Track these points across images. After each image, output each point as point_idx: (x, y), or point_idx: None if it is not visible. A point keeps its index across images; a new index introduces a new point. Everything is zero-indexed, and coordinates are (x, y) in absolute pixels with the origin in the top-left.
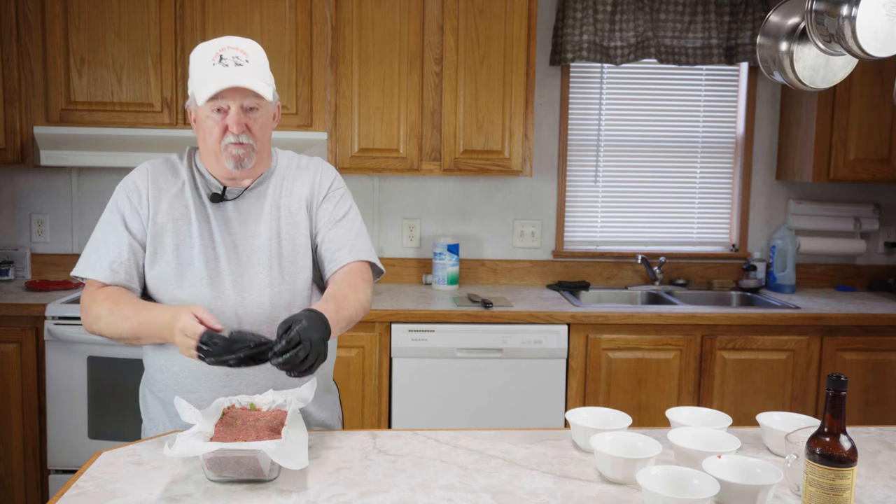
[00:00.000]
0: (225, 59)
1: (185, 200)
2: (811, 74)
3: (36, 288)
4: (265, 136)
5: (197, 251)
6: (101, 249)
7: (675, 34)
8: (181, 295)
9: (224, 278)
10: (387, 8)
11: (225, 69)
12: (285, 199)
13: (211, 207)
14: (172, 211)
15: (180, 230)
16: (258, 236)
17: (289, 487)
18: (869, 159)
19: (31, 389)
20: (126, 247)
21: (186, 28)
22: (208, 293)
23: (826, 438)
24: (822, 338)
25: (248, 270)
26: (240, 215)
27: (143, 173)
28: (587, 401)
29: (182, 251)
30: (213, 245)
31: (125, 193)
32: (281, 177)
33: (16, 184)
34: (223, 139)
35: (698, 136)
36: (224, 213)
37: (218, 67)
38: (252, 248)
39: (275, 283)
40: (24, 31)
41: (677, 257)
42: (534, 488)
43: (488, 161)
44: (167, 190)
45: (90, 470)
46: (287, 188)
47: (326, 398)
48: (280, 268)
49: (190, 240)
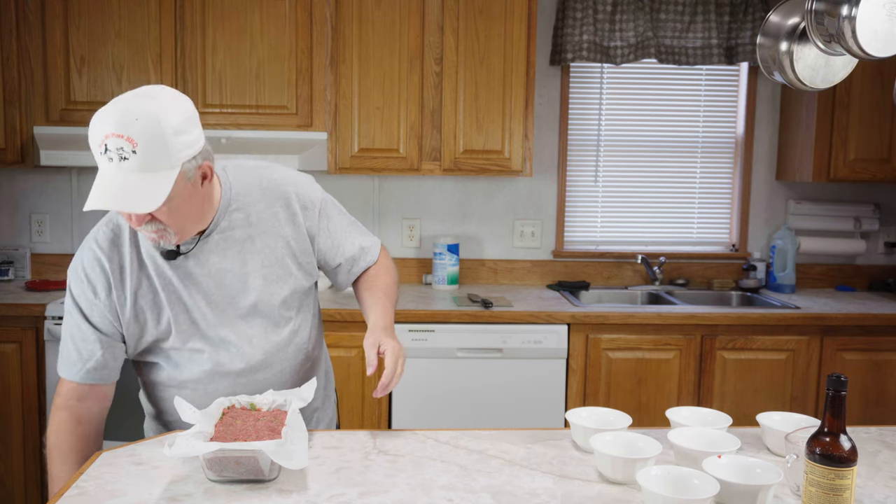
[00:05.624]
0: (109, 151)
1: (146, 269)
2: (811, 74)
3: (36, 288)
4: (182, 213)
5: (171, 321)
6: (72, 351)
7: (675, 34)
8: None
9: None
10: (387, 8)
11: (109, 164)
12: (257, 238)
13: (169, 267)
14: (139, 287)
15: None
16: (229, 286)
17: (289, 487)
18: (869, 159)
19: (31, 389)
20: (96, 344)
21: (186, 28)
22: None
23: (826, 438)
24: (822, 338)
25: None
26: (203, 268)
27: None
28: (587, 401)
29: (161, 322)
30: (184, 308)
31: (78, 288)
32: (240, 210)
33: (16, 184)
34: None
35: (698, 136)
36: (185, 271)
37: (104, 160)
38: (226, 299)
39: (264, 329)
40: (24, 31)
41: (677, 257)
42: (534, 488)
43: (488, 161)
44: (123, 267)
45: (90, 470)
46: (254, 223)
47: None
48: (265, 314)
49: (164, 310)
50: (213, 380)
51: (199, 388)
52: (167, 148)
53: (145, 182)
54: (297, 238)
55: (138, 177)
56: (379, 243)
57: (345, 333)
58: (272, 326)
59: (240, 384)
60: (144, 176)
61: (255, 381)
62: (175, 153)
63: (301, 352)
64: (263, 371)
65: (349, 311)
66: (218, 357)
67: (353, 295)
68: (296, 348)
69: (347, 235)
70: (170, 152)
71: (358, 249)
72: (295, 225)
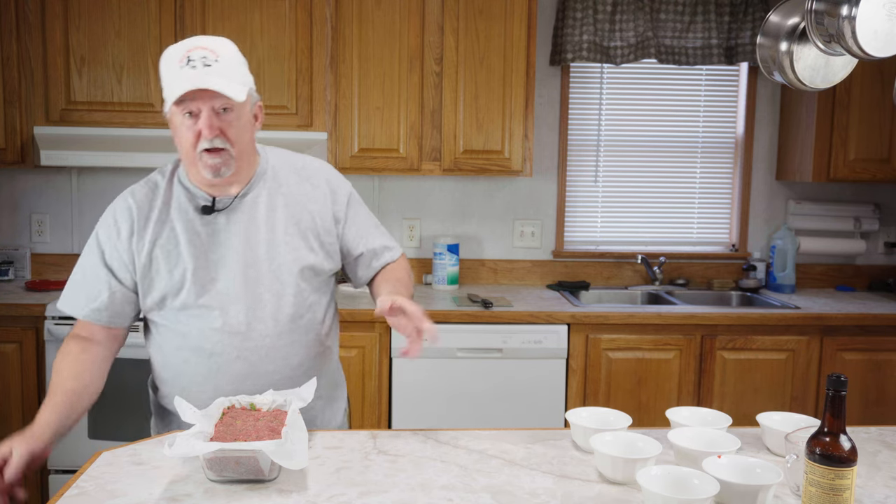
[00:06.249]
0: (193, 61)
1: (171, 221)
2: (811, 74)
3: (36, 288)
4: (243, 139)
5: (189, 275)
6: (80, 288)
7: (675, 34)
8: (182, 317)
9: (223, 298)
10: (387, 8)
11: (192, 71)
12: (283, 209)
13: (200, 222)
14: (159, 237)
15: (170, 254)
16: (255, 248)
17: (289, 487)
18: (869, 159)
19: (31, 389)
20: (105, 286)
21: (186, 28)
22: (210, 316)
23: (826, 438)
24: (822, 338)
25: (248, 286)
26: (232, 226)
27: (122, 206)
28: (587, 401)
29: (174, 278)
30: (206, 265)
31: (105, 230)
32: (274, 180)
33: (16, 184)
34: (198, 145)
35: (698, 136)
36: (215, 227)
37: (185, 70)
38: (250, 262)
39: (276, 296)
40: (24, 31)
41: (677, 257)
42: (534, 488)
43: (488, 161)
44: (149, 216)
45: (90, 470)
46: (285, 195)
47: (335, 392)
48: (281, 281)
49: (182, 264)
50: (220, 344)
51: (203, 354)
52: (240, 67)
53: (224, 82)
54: (322, 216)
55: (220, 79)
56: (401, 249)
57: (345, 333)
58: (288, 295)
59: (246, 350)
60: (225, 81)
61: (262, 351)
62: (245, 75)
63: (312, 330)
64: (273, 340)
65: (349, 310)
66: (227, 318)
67: (354, 295)
68: (307, 325)
69: (372, 231)
70: (242, 72)
71: (381, 246)
72: (323, 204)
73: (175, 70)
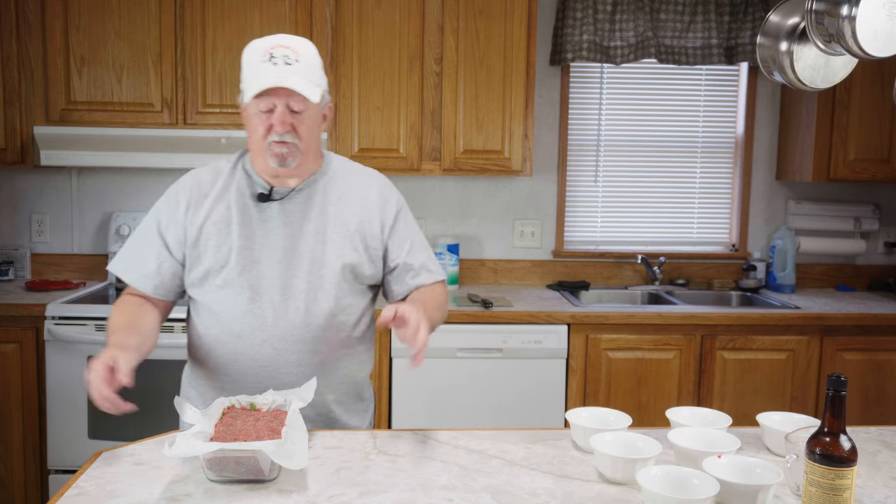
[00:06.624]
0: (275, 58)
1: (228, 202)
2: (811, 74)
3: (36, 288)
4: (312, 137)
5: (235, 253)
6: (133, 254)
7: (675, 34)
8: (220, 296)
9: (261, 281)
10: (387, 8)
11: (274, 67)
12: (335, 208)
13: (255, 209)
14: (212, 214)
15: (220, 233)
16: (301, 239)
17: (289, 487)
18: (869, 159)
19: (31, 389)
20: (154, 257)
21: (186, 28)
22: (245, 296)
23: (826, 438)
24: (822, 338)
25: (288, 274)
26: (284, 216)
27: (184, 181)
28: (587, 401)
29: (220, 254)
30: (251, 247)
31: (165, 202)
32: (332, 181)
33: (16, 184)
34: (268, 137)
35: (698, 136)
36: (268, 215)
37: (267, 65)
38: (294, 252)
39: (313, 289)
40: (24, 31)
41: (677, 257)
42: (534, 488)
43: (488, 161)
44: (208, 194)
45: (90, 470)
46: (339, 196)
47: (358, 405)
48: (320, 274)
49: (229, 242)
50: (249, 327)
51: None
52: (318, 68)
53: (303, 82)
54: (370, 222)
55: (299, 78)
56: (443, 275)
57: None
58: (325, 291)
59: (273, 337)
60: (302, 80)
61: (289, 341)
62: (321, 76)
63: (343, 332)
64: (301, 332)
65: None
66: (261, 301)
67: None
68: (339, 325)
69: (414, 248)
70: (319, 73)
71: (419, 264)
72: (373, 211)
73: (257, 65)
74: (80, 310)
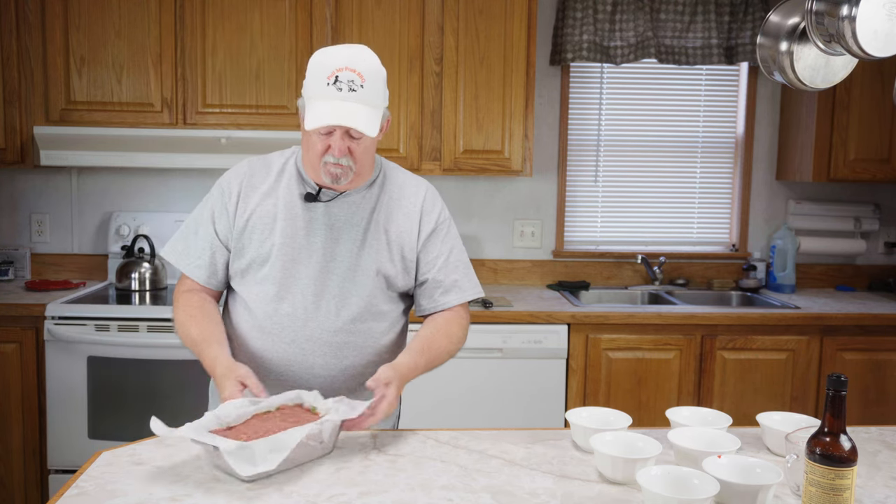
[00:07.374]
0: (340, 82)
1: (276, 198)
2: (811, 74)
3: (36, 288)
4: (367, 158)
5: (276, 249)
6: (188, 242)
7: (675, 34)
8: (255, 290)
9: (298, 280)
10: (387, 8)
11: (338, 94)
12: (380, 215)
13: (301, 208)
14: (259, 208)
15: (265, 228)
16: (342, 243)
17: (289, 487)
18: (869, 159)
19: (31, 389)
20: (208, 245)
21: (186, 28)
22: (278, 294)
23: (826, 438)
24: (822, 338)
25: (323, 276)
26: (329, 219)
27: (238, 170)
28: (587, 401)
29: (263, 248)
30: (292, 245)
31: (219, 190)
32: (381, 190)
33: (16, 184)
34: (324, 157)
35: (698, 136)
36: (314, 215)
37: (331, 90)
38: (332, 255)
39: (345, 293)
40: (24, 31)
41: (677, 257)
42: (534, 488)
43: (488, 161)
44: (258, 187)
45: (90, 470)
46: (386, 204)
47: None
48: (354, 279)
49: (272, 237)
50: (279, 325)
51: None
52: (382, 90)
53: (364, 112)
54: (409, 233)
55: (360, 107)
56: (475, 294)
57: None
58: (358, 297)
59: (301, 338)
60: (364, 108)
61: (316, 343)
62: (384, 96)
63: (371, 338)
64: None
65: None
66: (294, 300)
67: None
68: (368, 331)
69: (448, 264)
70: (383, 95)
71: (451, 281)
72: (413, 222)
73: (321, 86)
74: (80, 310)
